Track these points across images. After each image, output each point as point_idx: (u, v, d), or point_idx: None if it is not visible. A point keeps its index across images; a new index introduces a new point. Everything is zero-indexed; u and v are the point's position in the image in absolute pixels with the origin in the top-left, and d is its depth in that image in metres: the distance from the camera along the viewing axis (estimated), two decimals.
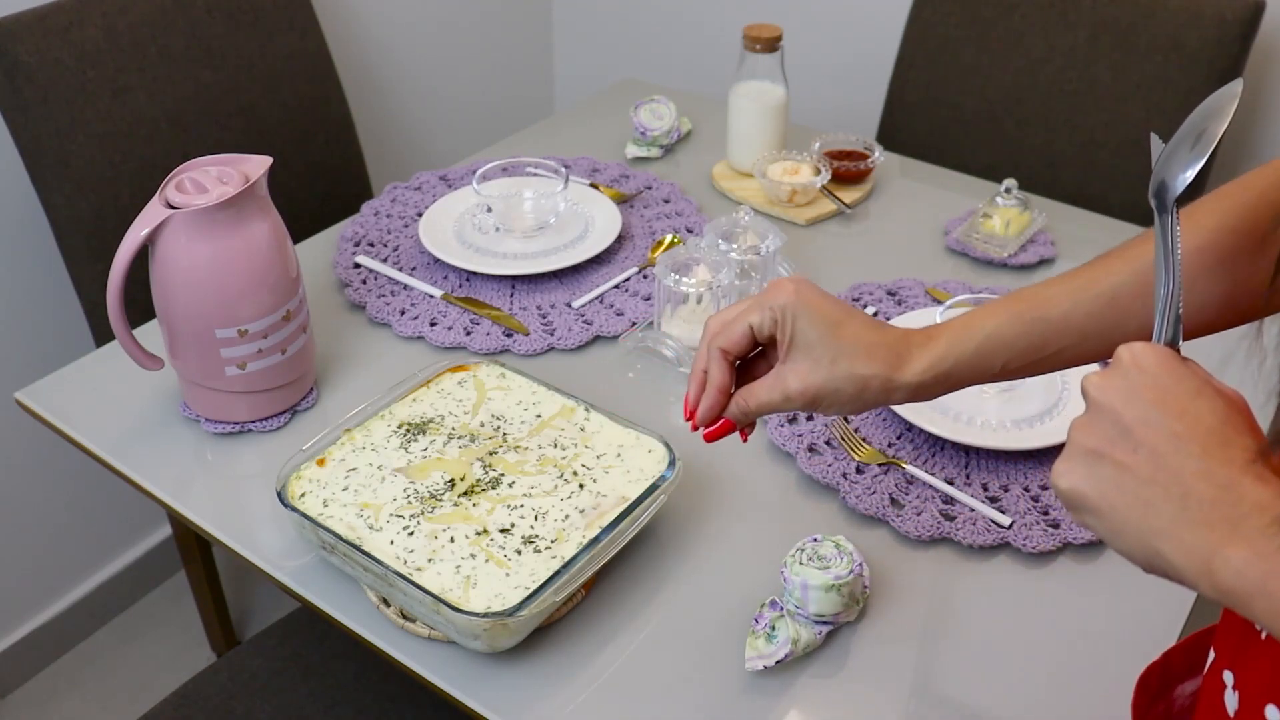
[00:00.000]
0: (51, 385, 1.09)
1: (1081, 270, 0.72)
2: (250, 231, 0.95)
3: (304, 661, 1.12)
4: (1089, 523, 0.51)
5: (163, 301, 0.96)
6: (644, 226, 1.32)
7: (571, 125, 1.64)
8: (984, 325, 0.72)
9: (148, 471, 0.99)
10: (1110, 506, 0.50)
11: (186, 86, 1.47)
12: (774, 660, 0.79)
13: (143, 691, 1.71)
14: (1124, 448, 0.49)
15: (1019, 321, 0.71)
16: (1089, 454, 0.51)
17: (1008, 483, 0.96)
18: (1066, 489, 0.51)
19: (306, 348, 1.03)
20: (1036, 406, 1.01)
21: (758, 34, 1.36)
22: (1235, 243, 0.68)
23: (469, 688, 0.80)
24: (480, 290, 1.20)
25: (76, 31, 1.36)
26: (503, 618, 0.76)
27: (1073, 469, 0.51)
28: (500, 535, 0.83)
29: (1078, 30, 1.57)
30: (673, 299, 1.09)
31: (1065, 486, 0.51)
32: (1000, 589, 0.88)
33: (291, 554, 0.90)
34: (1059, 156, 1.63)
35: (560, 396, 0.96)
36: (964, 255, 1.28)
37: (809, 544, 0.82)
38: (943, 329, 0.72)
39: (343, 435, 0.92)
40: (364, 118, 1.84)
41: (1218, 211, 0.69)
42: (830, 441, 1.00)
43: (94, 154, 1.39)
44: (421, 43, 2.01)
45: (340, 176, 1.69)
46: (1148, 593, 0.87)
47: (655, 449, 0.91)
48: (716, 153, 1.49)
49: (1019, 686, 0.80)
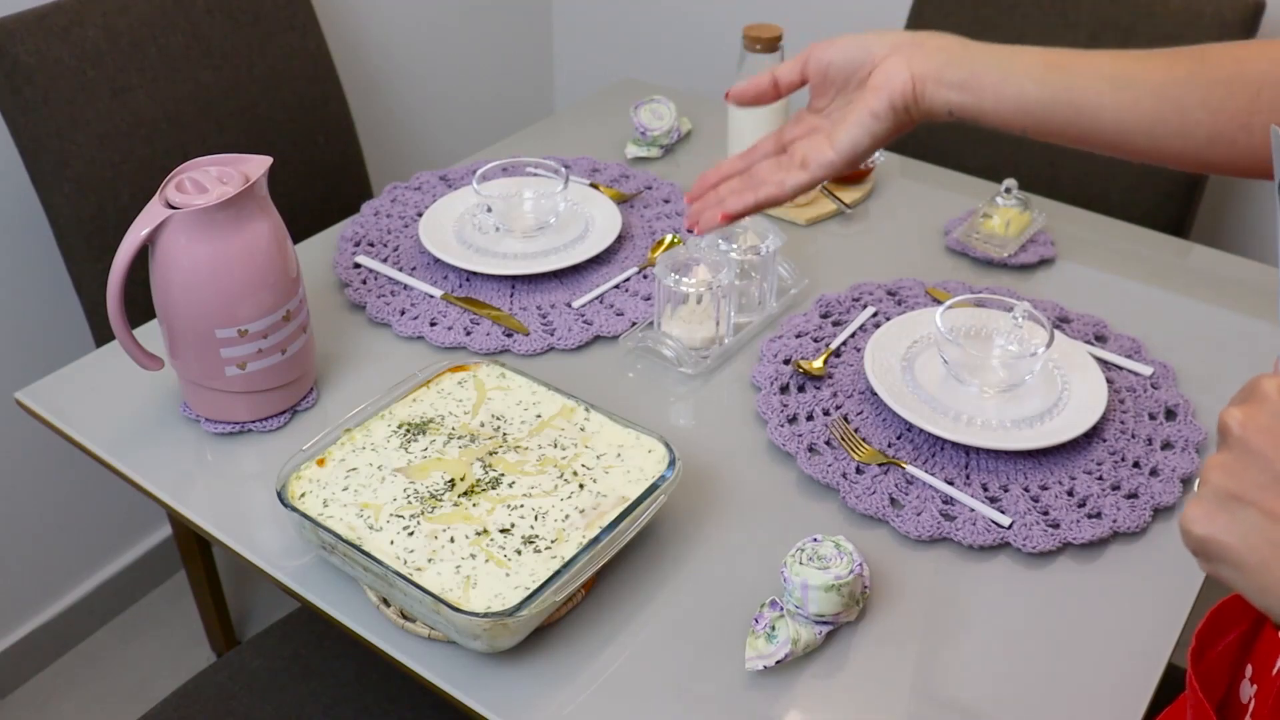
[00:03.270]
0: (51, 385, 1.09)
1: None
2: (250, 231, 0.95)
3: (304, 661, 1.12)
4: (1225, 575, 0.47)
5: (163, 301, 0.96)
6: (644, 226, 1.32)
7: (571, 125, 1.64)
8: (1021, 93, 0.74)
9: (148, 471, 0.99)
10: (1260, 561, 0.45)
11: (186, 86, 1.47)
12: (774, 660, 0.79)
13: (143, 691, 1.71)
14: (1276, 494, 0.45)
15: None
16: (1231, 499, 0.46)
17: (1008, 483, 0.96)
18: (1203, 536, 0.47)
19: (306, 348, 1.03)
20: (1036, 406, 1.01)
21: (758, 34, 1.36)
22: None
23: (469, 688, 0.80)
24: (480, 290, 1.20)
25: (76, 31, 1.36)
26: (503, 618, 0.76)
27: (1210, 515, 0.46)
28: (500, 535, 0.84)
29: (1078, 30, 1.57)
30: (673, 299, 1.10)
31: (1202, 534, 0.47)
32: (1000, 589, 0.88)
33: (291, 554, 0.90)
34: (1059, 156, 1.63)
35: (560, 396, 0.96)
36: (964, 255, 1.28)
37: (809, 544, 0.82)
38: (982, 81, 0.76)
39: (343, 435, 0.92)
40: (364, 118, 1.84)
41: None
42: (830, 441, 1.00)
43: (94, 154, 1.39)
44: (421, 43, 2.01)
45: (340, 176, 1.69)
46: (1148, 593, 0.87)
47: (655, 449, 0.91)
48: (716, 153, 1.49)
49: (1019, 686, 0.80)
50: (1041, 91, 0.74)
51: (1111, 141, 0.74)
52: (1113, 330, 1.14)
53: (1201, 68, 0.70)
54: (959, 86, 0.76)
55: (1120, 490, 0.95)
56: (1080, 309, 1.18)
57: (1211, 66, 0.70)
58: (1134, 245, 1.33)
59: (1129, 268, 1.28)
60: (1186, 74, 0.71)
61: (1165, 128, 0.72)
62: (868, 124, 0.78)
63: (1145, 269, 1.28)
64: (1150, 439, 1.00)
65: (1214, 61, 0.70)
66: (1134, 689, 0.80)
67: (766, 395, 1.05)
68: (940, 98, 0.77)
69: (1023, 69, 0.75)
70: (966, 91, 0.76)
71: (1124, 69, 0.73)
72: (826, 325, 1.15)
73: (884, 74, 0.78)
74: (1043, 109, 0.75)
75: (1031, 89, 0.75)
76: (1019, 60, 0.76)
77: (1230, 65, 0.70)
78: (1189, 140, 0.71)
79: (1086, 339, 1.13)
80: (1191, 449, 0.99)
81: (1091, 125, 0.74)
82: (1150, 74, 0.72)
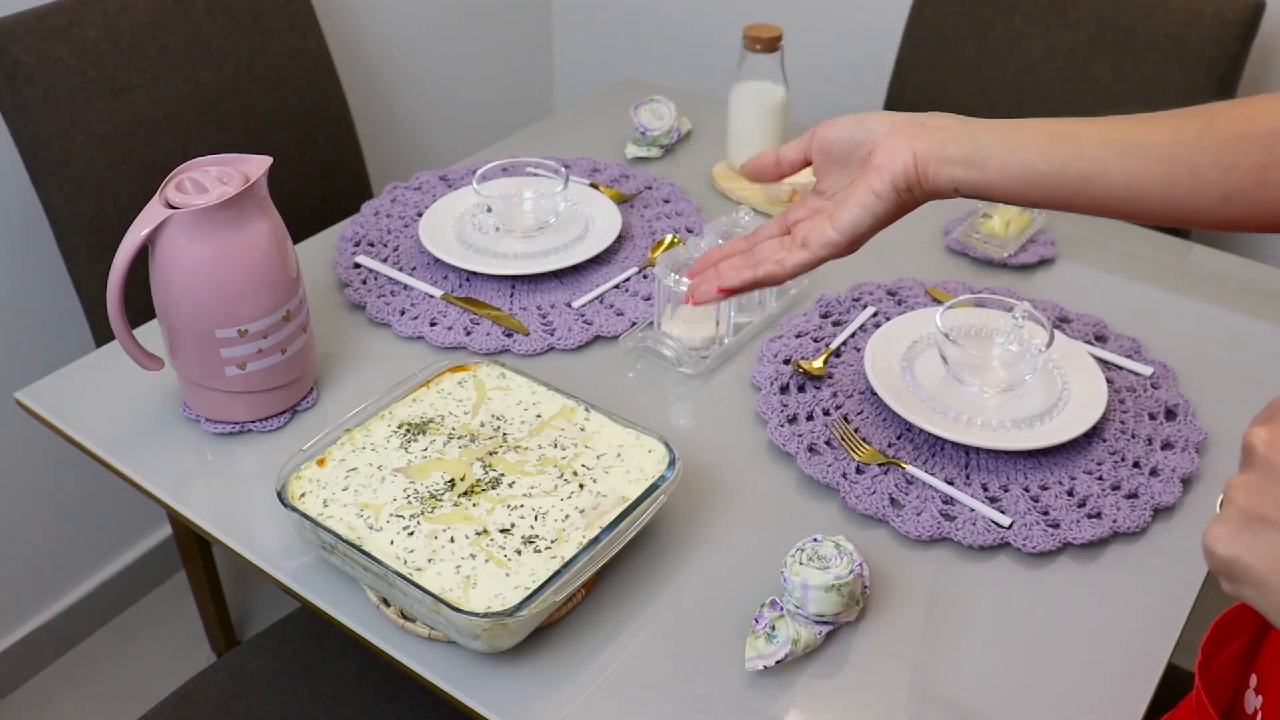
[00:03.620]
0: (51, 385, 1.09)
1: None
2: (250, 231, 0.95)
3: (304, 661, 1.12)
4: (1248, 596, 0.46)
5: (163, 301, 0.96)
6: (644, 226, 1.32)
7: (571, 125, 1.64)
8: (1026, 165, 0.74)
9: (148, 471, 0.99)
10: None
11: (186, 86, 1.47)
12: (774, 660, 0.79)
13: (143, 691, 1.71)
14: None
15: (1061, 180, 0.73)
16: (1255, 520, 0.45)
17: (1008, 483, 0.96)
18: (1226, 557, 0.46)
19: (306, 348, 1.03)
20: (1036, 406, 1.01)
21: (758, 34, 1.36)
22: None
23: (469, 688, 0.80)
24: (480, 290, 1.20)
25: (76, 31, 1.36)
26: (503, 618, 0.76)
27: (1233, 536, 0.46)
28: (500, 535, 0.84)
29: (1078, 30, 1.57)
30: (673, 299, 1.10)
31: (1225, 554, 0.46)
32: (1000, 589, 0.88)
33: (291, 554, 0.90)
34: None
35: (560, 396, 0.96)
36: (964, 255, 1.28)
37: (809, 544, 0.82)
38: (989, 157, 0.75)
39: (343, 435, 0.92)
40: (364, 118, 1.84)
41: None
42: (830, 441, 1.00)
43: (94, 154, 1.39)
44: (421, 43, 2.01)
45: (340, 176, 1.69)
46: (1148, 593, 0.87)
47: (655, 449, 0.91)
48: (716, 153, 1.49)
49: (1019, 686, 0.80)
50: (1049, 164, 0.73)
51: (1124, 208, 0.73)
52: (1113, 330, 1.14)
53: (1210, 128, 0.69)
54: (963, 163, 0.75)
55: (1120, 490, 0.95)
56: (1080, 309, 1.18)
57: (1220, 127, 0.69)
58: (1134, 245, 1.33)
59: (1129, 268, 1.28)
60: (1195, 135, 0.70)
61: (1178, 190, 0.70)
62: (869, 203, 0.77)
63: (1145, 269, 1.28)
64: (1150, 439, 1.00)
65: (1223, 121, 0.69)
66: (1134, 689, 0.80)
67: (766, 395, 1.05)
68: (944, 175, 0.76)
69: (1027, 142, 0.74)
70: (971, 168, 0.75)
71: (1131, 135, 0.72)
72: (826, 325, 1.15)
73: (886, 153, 0.77)
74: (1051, 181, 0.74)
75: (1038, 162, 0.74)
76: (1023, 134, 0.75)
77: (1240, 124, 0.69)
78: (1204, 200, 0.70)
79: (1086, 339, 1.13)
80: (1191, 449, 0.99)
81: (1103, 193, 0.73)
82: (1158, 137, 0.71)
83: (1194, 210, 0.71)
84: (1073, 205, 0.75)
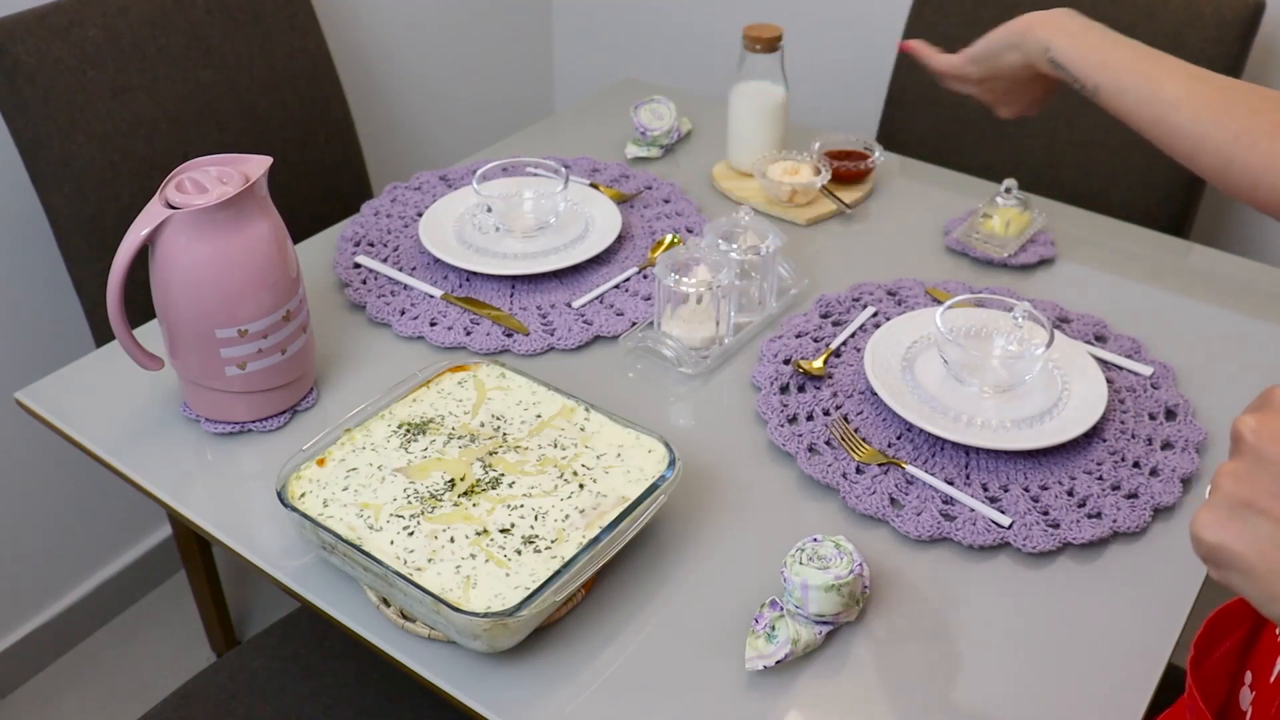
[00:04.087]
0: (51, 385, 1.09)
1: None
2: (250, 231, 0.95)
3: (304, 661, 1.12)
4: (1235, 582, 0.47)
5: (163, 301, 0.96)
6: (644, 226, 1.32)
7: (571, 125, 1.64)
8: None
9: (148, 471, 0.99)
10: (1270, 568, 0.45)
11: (186, 86, 1.47)
12: (774, 660, 0.79)
13: (143, 691, 1.71)
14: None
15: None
16: (1242, 507, 0.46)
17: (1008, 483, 0.96)
18: (1214, 543, 0.47)
19: (306, 348, 1.03)
20: (1036, 406, 1.01)
21: (758, 34, 1.36)
22: None
23: (469, 688, 0.80)
24: (480, 290, 1.20)
25: (76, 31, 1.36)
26: (503, 618, 0.76)
27: (1221, 522, 0.47)
28: (500, 535, 0.84)
29: None
30: (673, 299, 1.10)
31: (1212, 540, 0.47)
32: (1000, 589, 0.88)
33: (291, 554, 0.90)
34: (1059, 156, 1.63)
35: (560, 396, 0.96)
36: (964, 255, 1.28)
37: (809, 544, 0.82)
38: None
39: (343, 435, 0.92)
40: (364, 118, 1.84)
41: None
42: (830, 441, 1.00)
43: (94, 154, 1.39)
44: (421, 43, 2.01)
45: (340, 176, 1.69)
46: (1148, 593, 0.87)
47: (655, 449, 0.91)
48: (716, 153, 1.49)
49: (1019, 686, 0.80)
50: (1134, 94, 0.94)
51: (1179, 152, 0.91)
52: (1113, 330, 1.14)
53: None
54: (1066, 35, 0.99)
55: (1120, 490, 0.95)
56: (1080, 309, 1.18)
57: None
58: (1134, 245, 1.33)
59: (1129, 268, 1.28)
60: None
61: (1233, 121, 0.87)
62: (990, 36, 1.05)
63: (1145, 269, 1.28)
64: (1150, 439, 1.00)
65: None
66: (1134, 689, 0.80)
67: (766, 395, 1.05)
68: (1044, 40, 1.00)
69: (1134, 53, 0.97)
70: (1072, 38, 0.99)
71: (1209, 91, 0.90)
72: (826, 325, 1.15)
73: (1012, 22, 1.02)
74: (1129, 108, 0.95)
75: (1128, 56, 0.97)
76: (1161, 63, 0.95)
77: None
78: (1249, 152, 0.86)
79: (1086, 339, 1.13)
80: (1191, 449, 0.99)
81: (1168, 132, 0.90)
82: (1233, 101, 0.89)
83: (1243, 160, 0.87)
84: (1135, 126, 0.94)
